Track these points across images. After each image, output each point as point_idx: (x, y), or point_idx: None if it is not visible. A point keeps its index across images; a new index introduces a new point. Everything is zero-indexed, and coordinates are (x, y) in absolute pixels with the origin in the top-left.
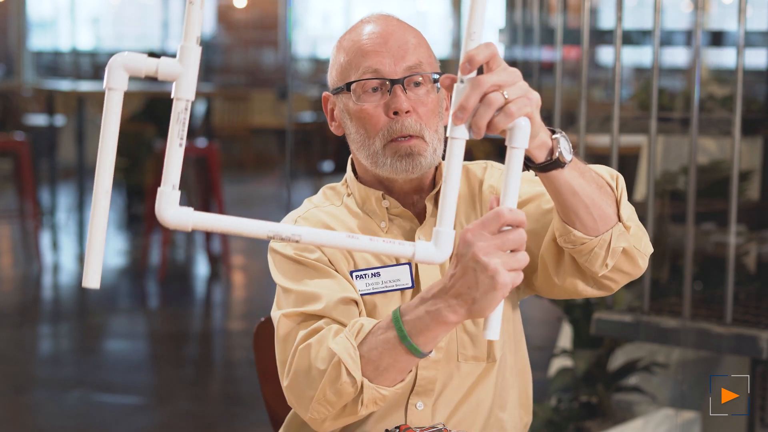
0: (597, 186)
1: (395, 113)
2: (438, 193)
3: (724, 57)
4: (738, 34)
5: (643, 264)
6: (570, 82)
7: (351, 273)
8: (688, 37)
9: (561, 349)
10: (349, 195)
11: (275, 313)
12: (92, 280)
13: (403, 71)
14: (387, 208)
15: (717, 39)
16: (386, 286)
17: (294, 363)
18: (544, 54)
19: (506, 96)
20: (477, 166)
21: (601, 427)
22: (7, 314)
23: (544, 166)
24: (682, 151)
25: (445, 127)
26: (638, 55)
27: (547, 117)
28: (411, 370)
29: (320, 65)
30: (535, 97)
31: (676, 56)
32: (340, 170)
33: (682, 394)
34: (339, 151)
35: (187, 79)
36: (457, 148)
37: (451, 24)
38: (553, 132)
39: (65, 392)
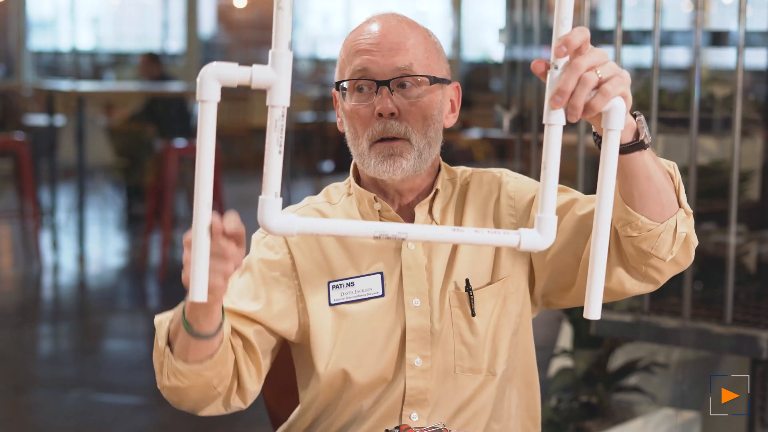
0: (663, 172)
1: (380, 115)
2: (432, 200)
3: (724, 57)
4: (738, 34)
5: (693, 255)
6: None
7: (328, 283)
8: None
9: (561, 349)
10: (349, 194)
11: None
12: (199, 294)
13: (392, 72)
14: (379, 210)
15: (717, 39)
16: (359, 295)
17: None
18: (544, 54)
19: (600, 75)
20: (493, 172)
21: (601, 427)
22: (7, 314)
23: (628, 148)
24: (682, 151)
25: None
26: (638, 55)
27: None
28: (204, 357)
29: (320, 65)
30: (626, 75)
31: (676, 56)
32: (340, 170)
33: (682, 394)
34: (339, 151)
35: (281, 86)
36: (555, 134)
37: (451, 24)
38: (634, 115)
39: (65, 392)
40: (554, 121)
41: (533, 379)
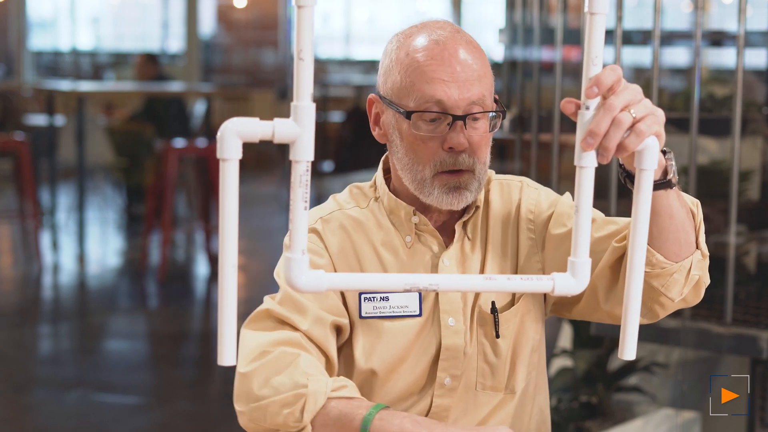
0: (686, 211)
1: (451, 148)
2: (470, 219)
3: (724, 57)
4: (738, 34)
5: (702, 295)
6: (570, 82)
7: (360, 294)
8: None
9: (561, 349)
10: (377, 199)
11: (266, 298)
12: (228, 358)
13: (467, 106)
14: (416, 224)
15: (717, 39)
16: (393, 312)
17: (265, 362)
18: (544, 54)
19: (634, 115)
20: (512, 182)
21: (601, 427)
22: (7, 314)
23: (654, 186)
24: (682, 151)
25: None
26: (638, 55)
27: (547, 117)
28: None
29: (320, 65)
30: (661, 114)
31: (676, 56)
32: (340, 170)
33: (682, 394)
34: (339, 151)
35: (304, 140)
36: (587, 177)
37: None
38: (663, 151)
39: (65, 392)
40: (586, 163)
41: (546, 394)
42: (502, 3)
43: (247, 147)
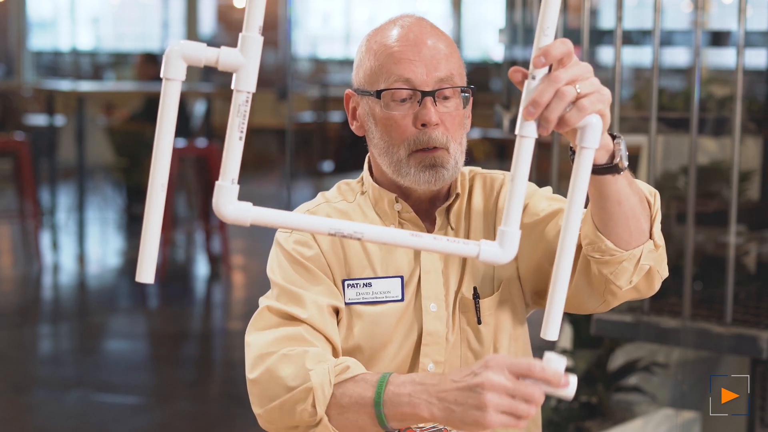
0: (639, 199)
1: (423, 125)
2: (450, 206)
3: (724, 57)
4: (738, 34)
5: (657, 287)
6: None
7: (343, 281)
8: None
9: (561, 349)
10: (363, 193)
11: (261, 299)
12: (146, 275)
13: (435, 83)
14: (399, 211)
15: (717, 39)
16: (376, 297)
17: (270, 365)
18: None
19: (579, 90)
20: (496, 175)
21: (601, 427)
22: (7, 314)
23: (601, 170)
24: (682, 151)
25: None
26: (638, 55)
27: None
28: None
29: (320, 65)
30: (607, 93)
31: (676, 56)
32: (340, 170)
33: (682, 394)
34: (339, 151)
35: (248, 71)
36: (526, 147)
37: (451, 24)
38: (612, 136)
39: (65, 392)
40: (527, 133)
41: None
42: (502, 3)
43: (247, 146)
